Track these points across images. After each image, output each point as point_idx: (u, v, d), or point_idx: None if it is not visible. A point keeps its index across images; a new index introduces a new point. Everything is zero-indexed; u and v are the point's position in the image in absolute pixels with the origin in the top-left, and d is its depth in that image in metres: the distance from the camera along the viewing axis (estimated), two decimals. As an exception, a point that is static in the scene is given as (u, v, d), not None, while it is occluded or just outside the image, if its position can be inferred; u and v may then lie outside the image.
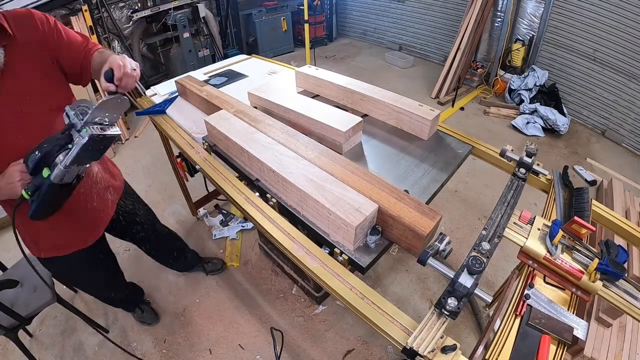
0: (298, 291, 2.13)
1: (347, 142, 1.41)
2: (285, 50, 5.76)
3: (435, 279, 2.17)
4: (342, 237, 1.04)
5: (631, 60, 3.21)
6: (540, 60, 4.01)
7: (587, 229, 0.87)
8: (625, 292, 0.87)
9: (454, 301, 0.82)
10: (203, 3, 4.40)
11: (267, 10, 5.24)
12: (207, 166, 1.43)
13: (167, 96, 1.97)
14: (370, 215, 1.00)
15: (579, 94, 3.77)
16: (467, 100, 4.24)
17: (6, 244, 2.51)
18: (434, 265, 0.89)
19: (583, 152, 3.39)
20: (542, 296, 0.89)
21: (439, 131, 1.57)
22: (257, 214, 1.19)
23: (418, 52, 5.43)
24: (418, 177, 1.31)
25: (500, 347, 0.81)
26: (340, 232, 1.03)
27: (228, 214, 2.65)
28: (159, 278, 2.24)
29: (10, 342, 1.58)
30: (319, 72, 1.85)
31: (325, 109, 1.51)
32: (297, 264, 1.06)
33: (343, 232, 1.02)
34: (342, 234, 1.03)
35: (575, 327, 0.82)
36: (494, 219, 1.05)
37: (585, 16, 3.44)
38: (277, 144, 1.29)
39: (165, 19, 4.05)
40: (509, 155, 1.35)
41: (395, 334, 0.84)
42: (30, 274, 1.69)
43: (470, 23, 3.96)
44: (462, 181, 2.94)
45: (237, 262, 2.32)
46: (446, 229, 2.51)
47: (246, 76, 2.14)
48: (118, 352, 1.87)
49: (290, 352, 1.85)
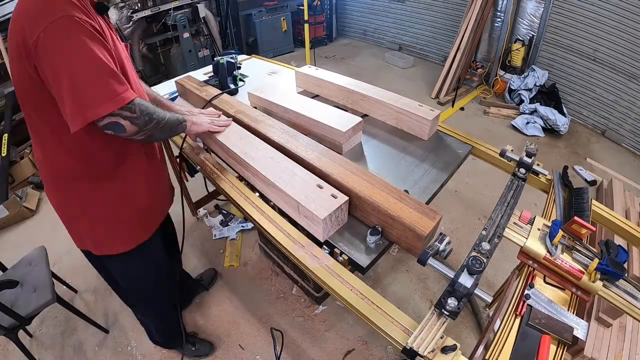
0: (298, 291, 2.13)
1: (347, 142, 1.41)
2: (285, 51, 5.76)
3: (435, 279, 2.17)
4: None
5: (631, 60, 3.21)
6: (540, 60, 4.01)
7: (587, 229, 0.87)
8: (625, 292, 0.87)
9: (454, 301, 0.82)
10: (203, 3, 4.40)
11: (267, 11, 5.24)
12: (207, 166, 1.43)
13: (167, 96, 1.97)
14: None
15: (579, 94, 3.78)
16: (467, 101, 4.24)
17: (6, 244, 2.52)
18: (434, 265, 0.89)
19: (583, 152, 3.39)
20: (542, 296, 0.89)
21: (439, 131, 1.57)
22: (257, 214, 1.19)
23: (418, 52, 5.43)
24: (418, 177, 1.31)
25: (500, 347, 0.81)
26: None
27: (228, 214, 2.65)
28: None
29: (11, 342, 1.58)
30: (318, 73, 1.85)
31: (325, 109, 1.51)
32: (297, 264, 1.06)
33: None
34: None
35: (575, 327, 0.82)
36: (494, 219, 1.05)
37: (585, 16, 3.44)
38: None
39: (165, 19, 4.05)
40: (508, 155, 1.35)
41: (395, 334, 0.84)
42: (30, 274, 1.70)
43: (470, 23, 3.96)
44: (462, 181, 2.94)
45: (237, 262, 2.32)
46: (446, 229, 2.51)
47: (246, 76, 2.14)
48: (118, 352, 1.87)
49: (290, 352, 1.85)
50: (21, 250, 2.45)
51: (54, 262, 2.32)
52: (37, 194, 2.93)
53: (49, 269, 1.74)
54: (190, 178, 2.02)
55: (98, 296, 2.17)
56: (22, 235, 2.60)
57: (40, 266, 1.73)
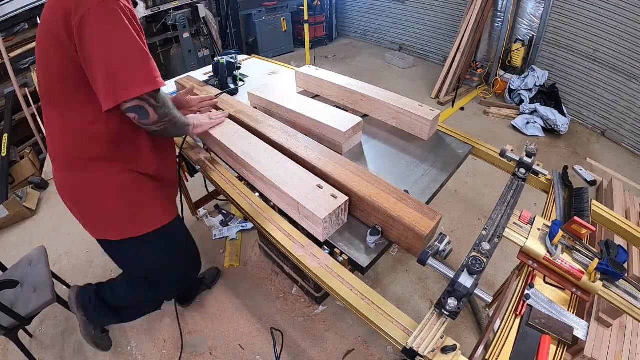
0: (298, 291, 2.13)
1: (347, 142, 1.41)
2: (285, 51, 5.76)
3: (435, 279, 2.17)
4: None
5: (631, 60, 3.21)
6: (540, 60, 4.01)
7: (587, 229, 0.87)
8: (625, 292, 0.87)
9: (454, 301, 0.82)
10: (203, 3, 4.40)
11: (267, 11, 5.24)
12: (207, 166, 1.43)
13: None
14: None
15: (579, 94, 3.78)
16: (467, 101, 4.24)
17: (6, 244, 2.52)
18: (434, 265, 0.89)
19: (583, 152, 3.39)
20: (542, 296, 0.89)
21: (439, 131, 1.57)
22: (257, 214, 1.19)
23: (418, 52, 5.43)
24: (418, 177, 1.31)
25: (500, 347, 0.81)
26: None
27: (228, 214, 2.65)
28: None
29: (11, 342, 1.58)
30: (319, 73, 1.85)
31: (325, 109, 1.51)
32: (297, 264, 1.06)
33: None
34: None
35: (575, 327, 0.82)
36: (494, 219, 1.05)
37: (585, 16, 3.44)
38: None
39: (165, 19, 4.05)
40: (509, 155, 1.35)
41: (395, 334, 0.84)
42: (30, 274, 1.70)
43: (470, 23, 3.96)
44: (462, 181, 2.94)
45: (237, 263, 2.32)
46: (446, 229, 2.51)
47: (246, 76, 2.15)
48: (118, 352, 1.87)
49: (290, 352, 1.85)
50: (21, 250, 2.45)
51: (54, 262, 2.32)
52: (37, 194, 2.93)
53: (49, 268, 1.74)
54: (190, 178, 2.03)
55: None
56: (22, 235, 2.60)
57: (40, 266, 1.73)
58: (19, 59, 3.15)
